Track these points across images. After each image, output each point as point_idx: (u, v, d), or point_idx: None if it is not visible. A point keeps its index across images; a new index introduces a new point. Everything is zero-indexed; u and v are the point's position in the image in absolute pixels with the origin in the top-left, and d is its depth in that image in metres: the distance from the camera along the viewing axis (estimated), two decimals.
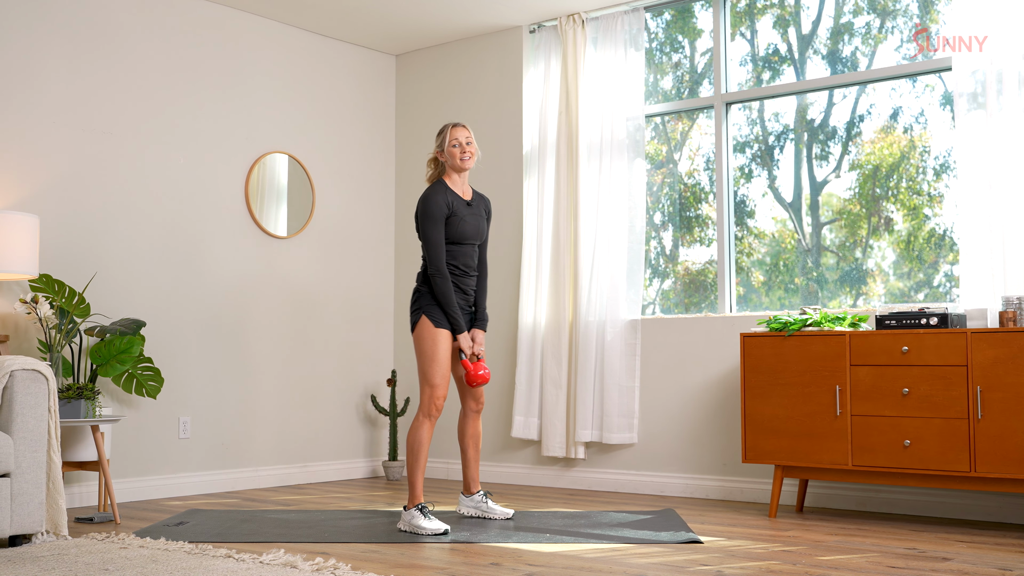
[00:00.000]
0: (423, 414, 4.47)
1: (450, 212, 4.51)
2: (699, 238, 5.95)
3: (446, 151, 4.57)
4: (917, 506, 4.89)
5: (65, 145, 5.28)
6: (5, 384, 3.96)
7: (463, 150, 4.57)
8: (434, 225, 4.49)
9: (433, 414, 4.47)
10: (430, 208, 4.49)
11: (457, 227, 4.53)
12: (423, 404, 4.47)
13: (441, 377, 4.48)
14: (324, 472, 6.38)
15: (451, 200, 4.53)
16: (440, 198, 4.51)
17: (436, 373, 4.47)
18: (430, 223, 4.49)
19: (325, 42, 6.59)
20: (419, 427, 4.46)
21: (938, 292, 5.21)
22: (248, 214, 6.08)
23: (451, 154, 4.57)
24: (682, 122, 6.10)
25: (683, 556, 3.78)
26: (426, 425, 4.46)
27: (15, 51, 5.10)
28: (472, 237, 4.60)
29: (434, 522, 4.30)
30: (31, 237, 4.72)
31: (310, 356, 6.37)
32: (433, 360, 4.47)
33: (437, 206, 4.49)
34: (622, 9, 5.97)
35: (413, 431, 4.46)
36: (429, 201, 4.51)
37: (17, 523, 3.91)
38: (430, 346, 4.48)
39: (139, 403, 5.46)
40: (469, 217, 4.58)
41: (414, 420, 4.49)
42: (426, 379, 4.48)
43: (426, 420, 4.46)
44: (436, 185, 4.57)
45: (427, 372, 4.48)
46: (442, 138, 4.60)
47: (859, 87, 5.46)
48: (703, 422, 5.56)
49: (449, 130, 4.59)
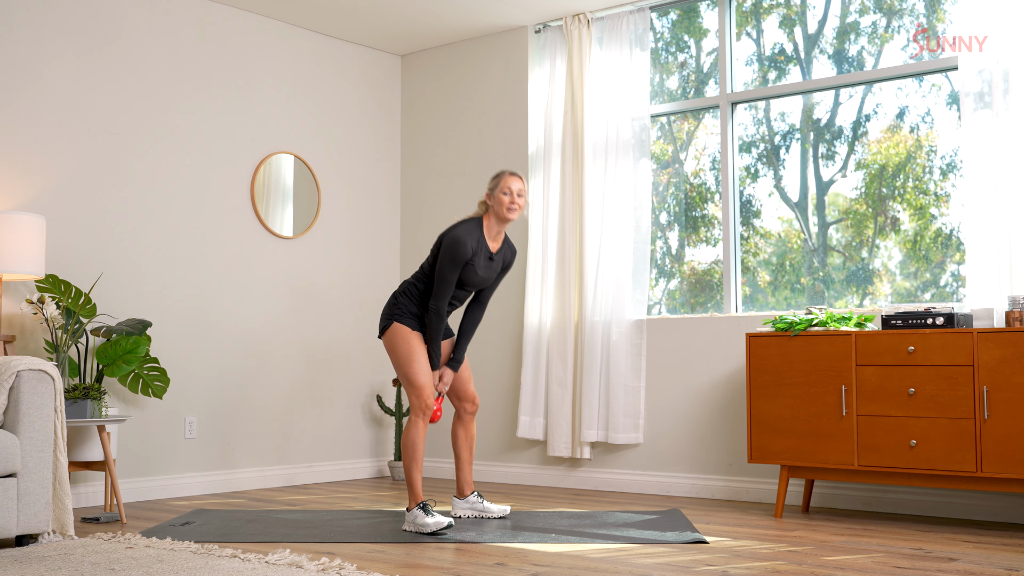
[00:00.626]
0: (416, 414, 4.47)
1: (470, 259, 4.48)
2: (705, 238, 5.94)
3: (495, 196, 4.52)
4: (923, 506, 4.88)
5: (71, 146, 5.29)
6: (12, 384, 3.97)
7: (512, 201, 4.51)
8: (453, 268, 4.44)
9: (426, 413, 4.47)
10: (456, 252, 4.43)
11: (465, 273, 4.50)
12: (413, 405, 4.47)
13: (425, 376, 4.47)
14: (330, 472, 6.39)
15: (477, 248, 4.49)
16: (469, 245, 4.45)
17: (419, 373, 4.47)
18: (450, 265, 4.44)
19: (331, 42, 6.60)
20: (413, 427, 4.46)
21: (945, 292, 5.20)
22: (254, 214, 6.08)
23: (499, 201, 4.51)
24: (688, 122, 6.09)
25: (689, 556, 3.78)
26: (419, 424, 4.46)
27: (21, 52, 5.12)
28: (471, 285, 4.58)
29: (437, 517, 4.32)
30: (37, 237, 4.73)
31: (316, 356, 6.38)
32: (412, 361, 4.47)
33: (463, 252, 4.44)
34: (627, 9, 5.96)
35: (407, 431, 4.47)
36: (458, 244, 4.43)
37: (24, 523, 3.92)
38: (406, 348, 4.48)
39: (145, 403, 5.47)
40: (482, 269, 4.54)
41: (408, 421, 4.50)
42: (410, 382, 4.47)
43: (419, 419, 4.46)
44: (472, 225, 4.52)
45: (409, 374, 4.47)
46: (496, 182, 4.53)
47: (865, 87, 5.45)
48: (709, 422, 5.56)
49: (504, 177, 4.52)
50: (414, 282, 4.59)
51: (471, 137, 6.61)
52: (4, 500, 3.84)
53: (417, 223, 6.84)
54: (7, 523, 3.85)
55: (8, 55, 5.07)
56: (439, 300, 4.46)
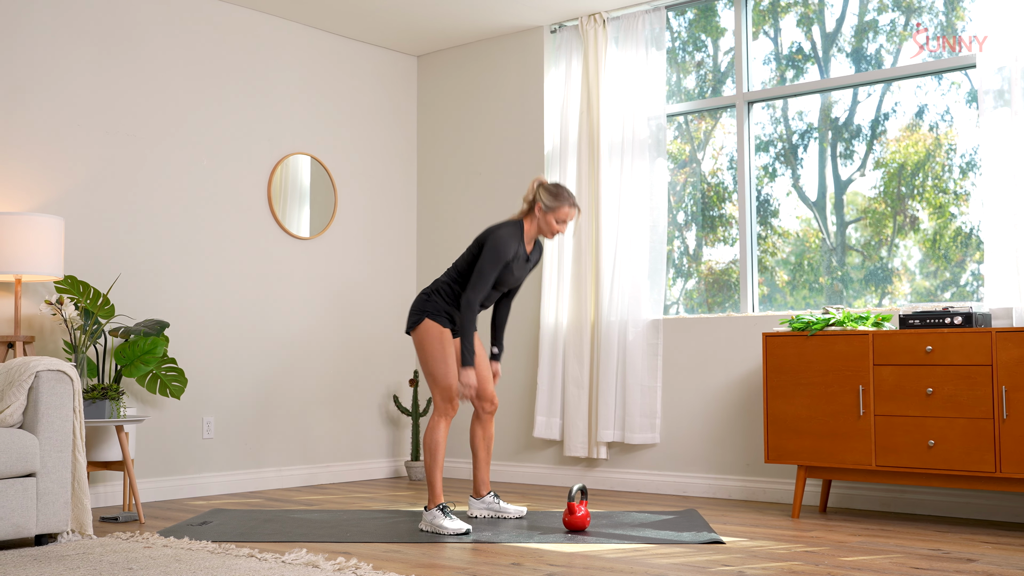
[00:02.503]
0: (439, 414, 4.47)
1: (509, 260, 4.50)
2: (723, 237, 5.92)
3: (547, 217, 4.51)
4: (941, 507, 4.85)
5: (90, 148, 5.32)
6: (31, 385, 4.00)
7: (561, 230, 4.55)
8: (494, 267, 4.44)
9: (449, 413, 4.47)
10: (501, 251, 4.44)
11: (502, 274, 4.52)
12: (438, 406, 4.47)
13: (452, 376, 4.47)
14: (347, 472, 6.40)
15: (517, 250, 4.51)
16: (512, 245, 4.47)
17: (447, 373, 4.46)
18: (492, 263, 4.43)
19: (347, 44, 6.61)
20: (435, 427, 4.46)
21: (965, 291, 5.17)
22: (271, 215, 6.11)
23: (548, 224, 4.52)
24: (705, 121, 6.08)
25: (705, 556, 3.77)
26: (442, 425, 4.46)
27: (40, 54, 5.15)
28: (505, 285, 4.60)
29: (456, 522, 4.31)
30: (56, 239, 4.76)
31: (332, 356, 6.39)
32: (442, 360, 4.47)
33: (508, 252, 4.45)
34: (643, 8, 5.95)
35: (430, 432, 4.47)
36: (504, 245, 4.45)
37: (43, 522, 3.94)
38: (437, 347, 4.47)
39: (163, 403, 5.50)
40: (518, 270, 4.57)
41: (430, 420, 4.50)
42: (436, 381, 4.47)
43: (442, 420, 4.47)
44: (515, 228, 4.53)
45: (437, 374, 4.47)
46: (556, 203, 4.49)
47: (884, 85, 5.42)
48: (725, 422, 5.54)
49: (567, 208, 4.51)
50: (448, 281, 4.57)
51: (487, 137, 6.62)
52: (24, 500, 3.87)
53: (433, 223, 6.84)
54: (27, 522, 3.88)
55: (27, 57, 5.11)
56: (474, 293, 4.42)
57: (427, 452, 4.46)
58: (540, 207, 4.51)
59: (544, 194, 4.51)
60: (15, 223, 4.64)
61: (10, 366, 4.05)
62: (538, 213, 4.52)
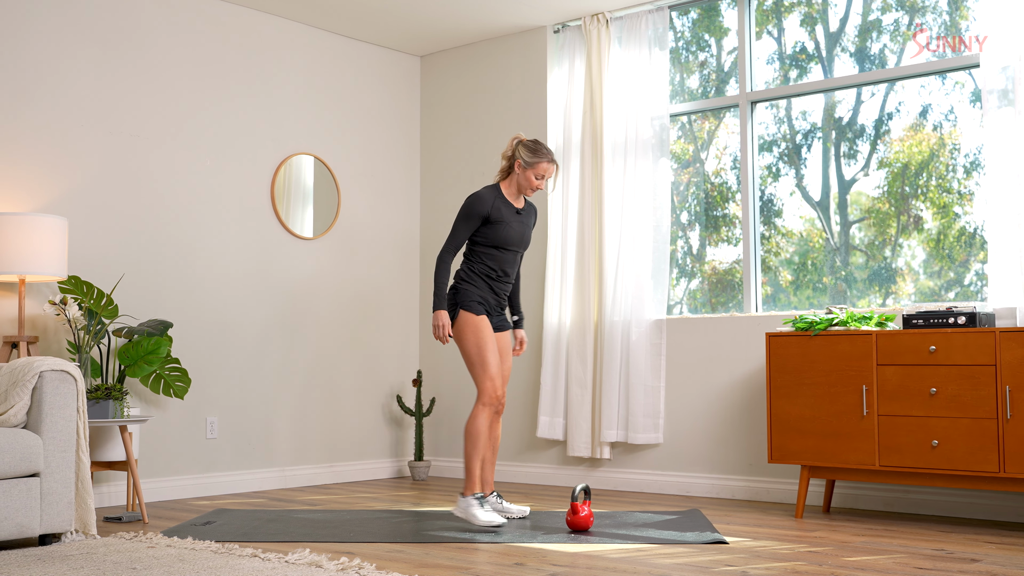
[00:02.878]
0: (483, 403, 4.52)
1: (495, 218, 4.56)
2: (726, 237, 5.92)
3: (526, 173, 4.60)
4: (945, 507, 4.84)
5: (93, 148, 5.33)
6: (34, 385, 4.00)
7: (540, 185, 4.64)
8: (466, 221, 4.57)
9: (494, 403, 4.53)
10: (472, 205, 4.57)
11: (502, 232, 4.59)
12: (483, 395, 4.52)
13: (496, 367, 4.54)
14: (350, 472, 6.41)
15: (499, 205, 4.58)
16: (487, 202, 4.56)
17: (491, 363, 4.53)
18: (463, 217, 4.57)
19: (350, 44, 6.62)
20: (478, 415, 4.51)
21: (969, 291, 5.16)
22: (274, 215, 6.11)
23: (527, 179, 4.61)
24: (709, 121, 6.07)
25: (708, 556, 3.77)
26: (485, 413, 4.52)
27: (43, 55, 5.16)
28: (515, 244, 4.66)
29: (490, 513, 4.38)
30: (60, 239, 4.77)
31: (336, 356, 6.40)
32: (484, 349, 4.52)
33: (481, 207, 4.55)
34: (646, 8, 5.95)
35: (472, 420, 4.51)
36: (476, 200, 4.58)
37: (47, 522, 3.95)
38: (477, 338, 4.52)
39: (167, 403, 5.50)
40: (516, 224, 4.63)
41: (474, 409, 4.54)
42: (484, 370, 4.52)
43: (486, 409, 4.52)
44: (490, 189, 4.63)
45: (483, 363, 4.52)
46: (535, 159, 4.59)
47: (888, 84, 5.42)
48: (729, 422, 5.54)
49: (545, 164, 4.60)
50: (467, 266, 4.64)
51: (490, 137, 6.61)
52: (27, 499, 3.88)
53: (436, 223, 6.84)
54: (30, 522, 3.89)
55: (30, 57, 5.11)
56: (444, 250, 4.57)
57: (468, 439, 4.51)
58: (519, 163, 4.61)
59: (523, 150, 4.62)
60: (19, 223, 4.65)
61: (14, 366, 4.05)
62: (517, 169, 4.62)
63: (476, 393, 6.41)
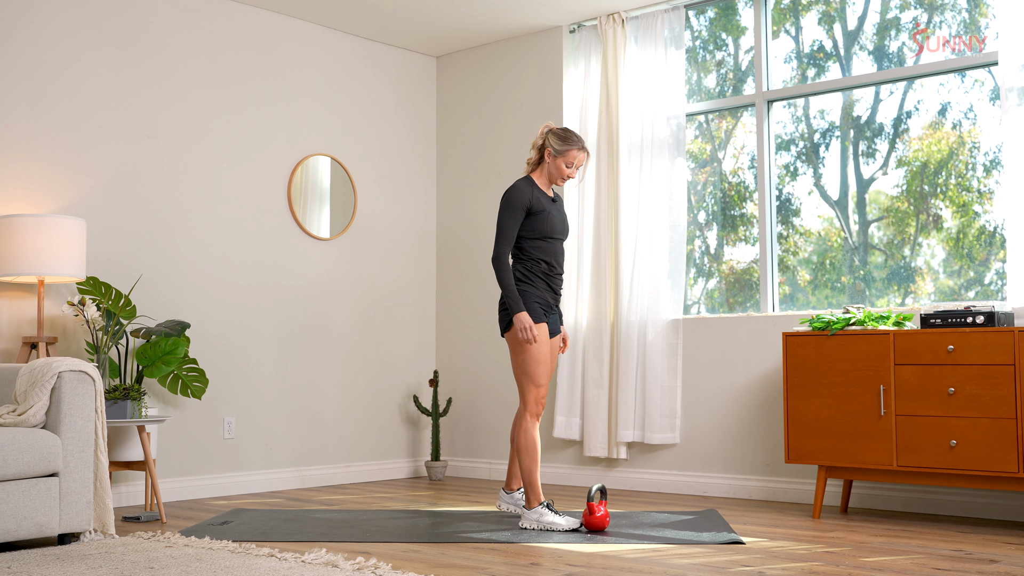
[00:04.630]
0: (531, 414, 4.47)
1: (536, 208, 4.50)
2: (744, 237, 5.90)
3: (558, 161, 4.53)
4: (964, 507, 4.81)
5: (111, 149, 5.36)
6: (53, 385, 4.03)
7: (571, 174, 4.57)
8: (511, 215, 4.47)
9: (540, 412, 4.50)
10: (512, 198, 4.49)
11: (547, 222, 4.53)
12: (530, 404, 4.47)
13: (546, 377, 4.51)
14: (367, 472, 6.42)
15: (537, 195, 4.54)
16: (526, 192, 4.50)
17: (542, 373, 4.49)
18: (507, 212, 4.48)
19: (367, 45, 6.63)
20: (530, 428, 4.47)
21: (989, 290, 5.12)
22: (291, 216, 6.13)
23: (558, 168, 4.54)
24: (726, 120, 6.05)
25: (725, 557, 3.75)
26: (535, 424, 4.48)
27: (62, 57, 5.19)
28: (560, 232, 4.61)
29: (566, 517, 4.37)
30: (78, 240, 4.79)
31: (353, 356, 6.41)
32: (539, 360, 4.47)
33: (520, 198, 4.48)
34: (662, 8, 5.93)
35: (525, 432, 4.47)
36: (514, 191, 4.50)
37: (66, 522, 3.98)
38: (537, 347, 4.46)
39: (184, 404, 5.53)
40: (556, 212, 4.60)
41: (522, 421, 4.49)
42: (532, 380, 4.47)
43: (534, 420, 4.48)
44: (524, 180, 4.57)
45: (533, 373, 4.47)
46: (565, 147, 4.52)
47: (906, 83, 5.38)
48: (746, 422, 5.52)
49: (575, 151, 4.54)
50: (521, 267, 4.55)
51: (506, 137, 6.62)
52: (46, 499, 3.90)
53: (453, 224, 6.85)
54: (49, 522, 3.91)
55: (49, 60, 5.15)
56: (498, 249, 4.46)
57: (525, 452, 4.45)
58: (550, 152, 4.55)
59: (553, 138, 4.55)
60: (38, 225, 4.68)
61: (33, 367, 4.08)
62: (548, 159, 4.56)
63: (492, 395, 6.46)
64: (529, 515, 4.40)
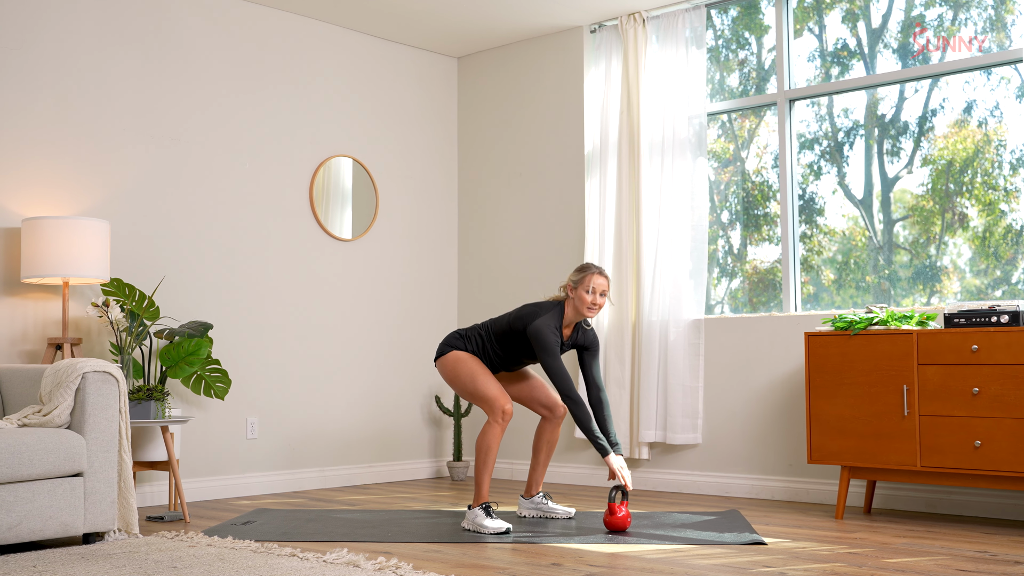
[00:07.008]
0: (494, 419, 4.47)
1: None
2: (767, 236, 5.87)
3: (578, 292, 4.49)
4: (988, 508, 4.76)
5: (135, 152, 5.40)
6: (78, 386, 4.06)
7: (594, 301, 4.49)
8: (554, 358, 4.43)
9: (505, 420, 4.47)
10: (547, 342, 4.43)
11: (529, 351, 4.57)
12: (490, 417, 4.48)
13: (494, 388, 4.49)
14: (389, 472, 6.43)
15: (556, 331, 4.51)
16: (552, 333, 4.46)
17: (487, 386, 4.49)
18: (550, 356, 4.43)
19: (388, 46, 6.65)
20: (490, 430, 4.46)
21: (1016, 289, 5.07)
22: (313, 217, 6.15)
23: (580, 298, 4.49)
24: (749, 119, 6.03)
25: (746, 557, 3.74)
26: (497, 429, 4.46)
27: (87, 60, 5.24)
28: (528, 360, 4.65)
29: (496, 521, 4.33)
30: (103, 242, 4.83)
31: (375, 357, 6.43)
32: (475, 376, 4.50)
33: (553, 339, 4.45)
34: (683, 7, 5.91)
35: (484, 434, 4.47)
36: (545, 333, 4.44)
37: (90, 521, 4.01)
38: (466, 368, 4.52)
39: (207, 404, 5.56)
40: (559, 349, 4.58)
41: (486, 423, 4.50)
42: (481, 398, 4.49)
43: (497, 424, 4.47)
44: (551, 317, 4.49)
45: (478, 391, 4.50)
46: (581, 277, 4.50)
47: (931, 81, 5.34)
48: (768, 422, 5.49)
49: (590, 276, 4.49)
50: (485, 336, 4.61)
51: (527, 138, 6.61)
52: (71, 499, 3.94)
53: (474, 224, 6.86)
54: (74, 521, 3.95)
55: (74, 63, 5.19)
56: (566, 390, 4.40)
57: (479, 452, 4.47)
58: (570, 286, 4.53)
59: (572, 274, 4.57)
60: (63, 227, 4.72)
61: (58, 368, 4.12)
62: (571, 295, 4.52)
63: None
64: (468, 514, 4.42)
